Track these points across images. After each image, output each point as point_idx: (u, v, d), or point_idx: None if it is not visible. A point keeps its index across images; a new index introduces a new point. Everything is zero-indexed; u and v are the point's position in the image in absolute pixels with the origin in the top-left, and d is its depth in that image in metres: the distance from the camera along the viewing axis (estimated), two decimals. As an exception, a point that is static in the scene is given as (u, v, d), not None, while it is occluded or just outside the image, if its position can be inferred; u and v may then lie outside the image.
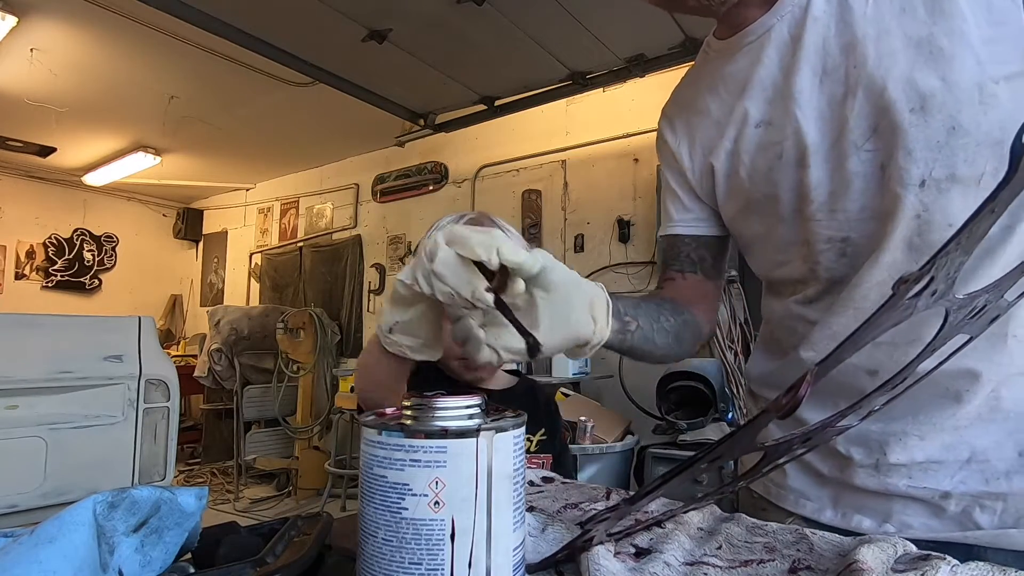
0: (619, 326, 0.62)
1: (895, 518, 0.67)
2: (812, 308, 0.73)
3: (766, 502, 0.79)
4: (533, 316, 0.51)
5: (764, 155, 0.72)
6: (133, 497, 0.44)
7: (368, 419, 0.41)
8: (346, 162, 5.48)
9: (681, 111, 0.84)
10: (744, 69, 0.74)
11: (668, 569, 0.48)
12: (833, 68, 0.67)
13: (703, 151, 0.80)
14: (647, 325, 0.67)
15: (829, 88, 0.67)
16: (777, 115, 0.71)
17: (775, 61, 0.71)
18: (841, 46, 0.66)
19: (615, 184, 3.84)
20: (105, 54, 3.52)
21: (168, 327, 6.77)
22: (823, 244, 0.69)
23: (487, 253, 0.48)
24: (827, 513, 0.72)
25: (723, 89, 0.77)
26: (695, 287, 0.84)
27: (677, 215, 0.85)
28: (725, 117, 0.76)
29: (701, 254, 0.85)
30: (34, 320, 2.17)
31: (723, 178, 0.78)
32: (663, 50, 2.90)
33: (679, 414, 2.64)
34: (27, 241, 6.07)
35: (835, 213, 0.68)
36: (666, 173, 0.87)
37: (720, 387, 2.59)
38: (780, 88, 0.71)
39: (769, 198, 0.73)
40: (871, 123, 0.64)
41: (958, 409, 0.63)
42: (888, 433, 0.66)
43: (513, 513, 0.40)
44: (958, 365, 0.60)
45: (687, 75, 0.87)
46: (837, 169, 0.67)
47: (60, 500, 1.91)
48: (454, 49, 2.95)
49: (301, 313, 4.76)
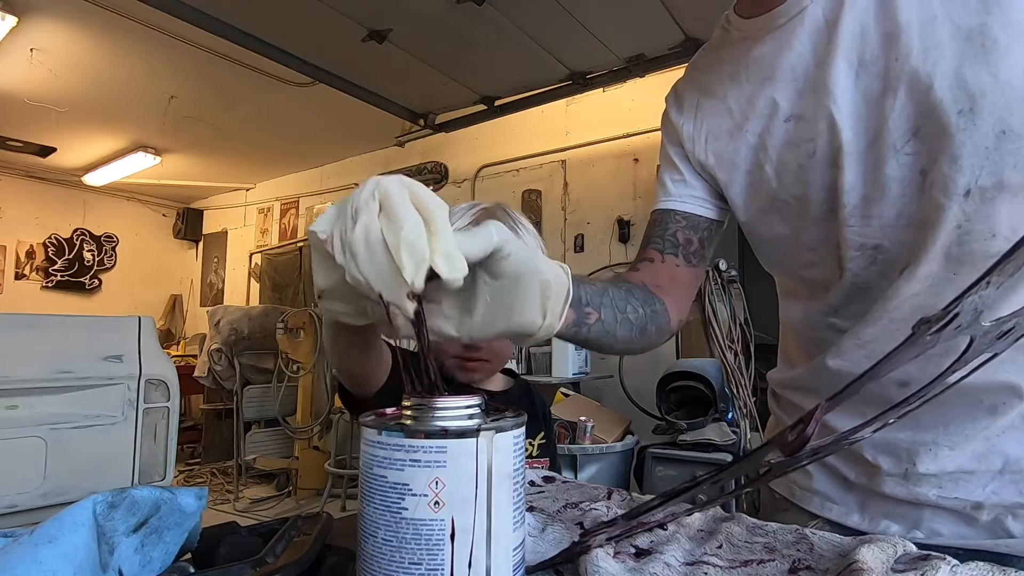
0: (575, 318, 0.57)
1: (924, 526, 0.64)
2: (841, 316, 0.69)
3: (788, 503, 0.77)
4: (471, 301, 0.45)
5: (794, 152, 0.67)
6: (133, 497, 0.44)
7: (368, 419, 0.41)
8: (346, 162, 5.48)
9: (694, 90, 0.78)
10: (771, 54, 0.68)
11: (668, 569, 0.48)
12: (872, 60, 0.61)
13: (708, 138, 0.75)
14: (610, 316, 0.62)
15: (866, 82, 0.61)
16: (809, 109, 0.65)
17: (808, 48, 0.65)
18: (882, 35, 0.60)
19: (615, 184, 3.84)
20: (105, 54, 3.52)
21: (168, 327, 6.77)
22: (854, 251, 0.65)
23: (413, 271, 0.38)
24: (854, 517, 0.69)
25: (745, 75, 0.71)
26: (671, 272, 0.77)
27: (674, 189, 0.78)
28: (746, 107, 0.70)
29: (688, 236, 0.78)
30: (34, 320, 2.17)
31: (742, 174, 0.72)
32: (663, 50, 2.90)
33: (679, 414, 2.64)
34: (27, 241, 6.08)
35: (869, 219, 0.63)
36: (667, 146, 0.80)
37: (720, 387, 2.59)
38: (813, 79, 0.64)
39: (798, 199, 0.68)
40: (913, 124, 0.59)
41: (992, 421, 0.61)
42: (918, 443, 0.64)
43: (513, 513, 0.40)
44: (997, 379, 0.59)
45: (703, 55, 0.80)
46: (873, 172, 0.62)
47: (60, 500, 1.91)
48: (454, 49, 2.95)
49: (301, 313, 4.75)
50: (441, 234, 0.39)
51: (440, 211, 0.40)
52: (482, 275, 0.44)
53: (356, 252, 0.38)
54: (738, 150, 0.72)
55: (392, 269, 0.38)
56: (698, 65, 0.80)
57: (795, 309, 0.77)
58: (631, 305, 0.66)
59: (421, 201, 0.40)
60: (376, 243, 0.38)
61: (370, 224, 0.38)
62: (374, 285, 0.39)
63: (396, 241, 0.38)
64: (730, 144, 0.72)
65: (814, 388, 0.74)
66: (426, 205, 0.40)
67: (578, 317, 0.57)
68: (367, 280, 0.39)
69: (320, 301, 0.47)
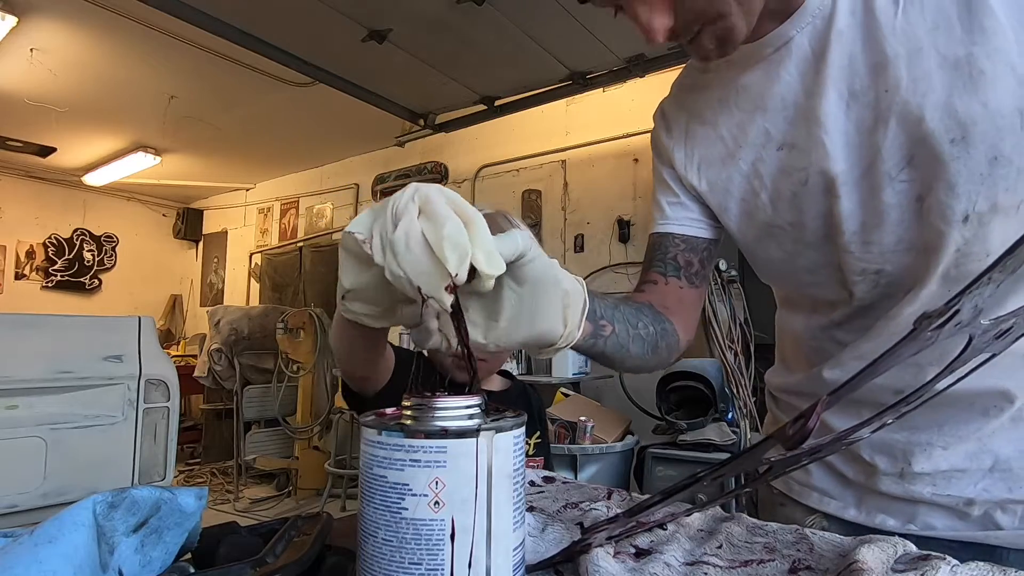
0: (592, 330, 0.58)
1: (919, 520, 0.67)
2: (842, 330, 0.71)
3: (786, 498, 0.79)
4: (496, 308, 0.46)
5: (787, 180, 0.67)
6: (133, 497, 0.44)
7: (368, 419, 0.41)
8: (346, 162, 5.48)
9: (683, 114, 0.78)
10: (759, 83, 0.68)
11: (668, 569, 0.48)
12: (861, 91, 0.61)
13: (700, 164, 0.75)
14: (623, 331, 0.63)
15: (857, 113, 0.62)
16: (800, 138, 0.65)
17: (796, 79, 0.65)
18: (870, 66, 0.60)
19: (615, 184, 3.84)
20: (105, 54, 3.52)
21: (168, 327, 6.77)
22: (856, 276, 0.66)
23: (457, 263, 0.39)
24: (850, 511, 0.72)
25: (735, 102, 0.71)
26: (676, 294, 0.78)
27: (671, 212, 0.79)
28: (738, 134, 0.71)
29: (688, 258, 0.78)
30: (34, 320, 2.17)
31: (736, 201, 0.72)
32: (663, 50, 2.90)
33: (679, 414, 2.64)
34: (27, 241, 6.08)
35: (869, 245, 0.64)
36: (660, 168, 0.81)
37: (720, 387, 2.59)
38: (803, 110, 0.65)
39: (794, 225, 0.68)
40: (906, 153, 0.60)
41: (984, 423, 0.63)
42: (913, 443, 0.66)
43: (513, 513, 0.40)
44: (992, 385, 0.60)
45: (688, 73, 0.80)
46: (870, 200, 0.62)
47: (60, 500, 1.91)
48: (454, 49, 2.95)
49: (301, 313, 4.75)
50: (481, 233, 0.41)
51: (478, 216, 0.42)
52: (508, 281, 0.46)
53: (397, 250, 0.40)
54: (731, 177, 0.72)
55: (432, 264, 0.40)
56: (684, 85, 0.80)
57: (796, 319, 0.78)
58: (642, 322, 0.68)
59: (459, 206, 0.42)
60: (417, 241, 0.40)
61: (411, 224, 0.40)
62: (414, 280, 0.40)
63: (438, 238, 0.40)
64: (723, 171, 0.73)
65: (814, 394, 0.74)
66: (464, 210, 0.42)
67: (594, 329, 0.58)
68: (407, 275, 0.40)
69: (343, 302, 0.48)
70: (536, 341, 0.49)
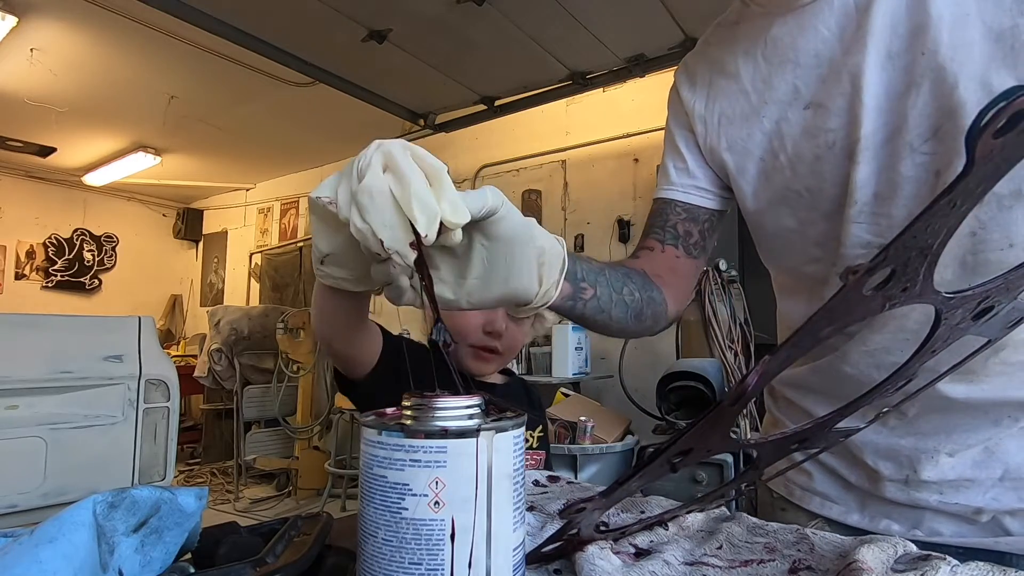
0: (571, 291, 0.57)
1: (925, 526, 0.65)
2: None
3: (786, 502, 0.77)
4: (467, 265, 0.46)
5: (812, 142, 0.64)
6: (133, 497, 0.44)
7: (368, 419, 0.41)
8: (346, 162, 5.47)
9: (707, 66, 0.74)
10: (792, 34, 0.64)
11: (668, 568, 0.48)
12: (899, 53, 0.58)
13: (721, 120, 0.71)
14: (606, 295, 0.62)
15: (890, 75, 0.59)
16: (831, 98, 0.62)
17: (835, 33, 0.61)
18: (911, 27, 0.57)
19: (615, 184, 3.84)
20: (105, 54, 3.52)
21: (168, 327, 6.77)
22: (858, 249, 0.62)
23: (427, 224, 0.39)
24: (853, 516, 0.70)
25: (762, 55, 0.67)
26: (671, 263, 0.76)
27: (677, 178, 0.76)
28: (763, 89, 0.67)
29: (688, 228, 0.76)
30: (34, 320, 2.17)
31: (755, 161, 0.69)
32: (663, 50, 2.90)
33: (679, 414, 2.64)
34: (27, 241, 6.08)
35: (878, 217, 0.61)
36: (673, 130, 0.78)
37: (720, 387, 2.59)
38: (838, 66, 0.61)
39: (811, 191, 0.65)
40: (933, 123, 0.57)
41: (995, 432, 0.61)
42: (920, 450, 0.64)
43: (513, 513, 0.40)
44: (1012, 395, 0.59)
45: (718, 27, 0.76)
46: (887, 169, 0.60)
47: (60, 500, 1.91)
48: (454, 49, 2.95)
49: (301, 313, 4.75)
50: (446, 185, 0.41)
51: (441, 170, 0.41)
52: (478, 238, 0.45)
53: (362, 204, 0.39)
54: (752, 135, 0.69)
55: (397, 218, 0.39)
56: (711, 40, 0.77)
57: (796, 307, 0.76)
58: (628, 288, 0.66)
59: (423, 160, 0.41)
60: (381, 194, 0.39)
61: (375, 179, 0.40)
62: (378, 232, 0.39)
63: (406, 195, 0.39)
64: (744, 128, 0.70)
65: (814, 387, 0.74)
66: (428, 164, 0.41)
67: (574, 291, 0.58)
68: (371, 228, 0.39)
69: (320, 268, 0.47)
70: (511, 298, 0.48)
